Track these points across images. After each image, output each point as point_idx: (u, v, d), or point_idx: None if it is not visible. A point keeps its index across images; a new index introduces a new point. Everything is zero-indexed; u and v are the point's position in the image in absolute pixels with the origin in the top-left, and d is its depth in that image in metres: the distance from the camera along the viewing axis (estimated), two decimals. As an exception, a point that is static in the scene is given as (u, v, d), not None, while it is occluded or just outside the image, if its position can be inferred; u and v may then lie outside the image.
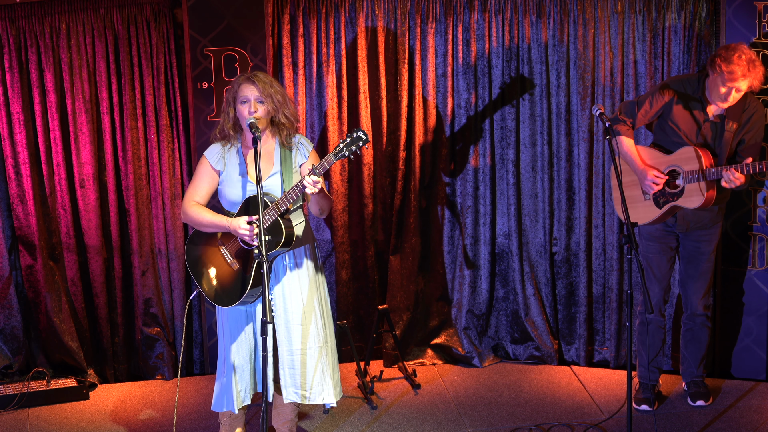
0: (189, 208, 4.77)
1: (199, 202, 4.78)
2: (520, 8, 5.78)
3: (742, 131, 5.14)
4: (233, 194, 4.73)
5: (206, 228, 4.76)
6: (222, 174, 4.76)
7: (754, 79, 4.98)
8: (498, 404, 5.61)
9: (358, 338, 6.15)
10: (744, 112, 5.13)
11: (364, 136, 4.59)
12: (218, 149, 4.78)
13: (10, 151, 5.68)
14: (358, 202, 6.03)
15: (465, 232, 6.04)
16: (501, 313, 6.16)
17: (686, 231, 5.28)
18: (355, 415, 5.51)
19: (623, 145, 5.27)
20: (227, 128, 4.75)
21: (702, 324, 5.44)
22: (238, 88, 4.68)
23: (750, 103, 5.15)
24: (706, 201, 5.09)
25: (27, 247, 5.78)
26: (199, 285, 4.80)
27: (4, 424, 5.46)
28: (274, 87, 4.68)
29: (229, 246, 4.75)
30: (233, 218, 4.66)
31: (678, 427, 5.28)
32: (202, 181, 4.79)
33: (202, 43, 5.63)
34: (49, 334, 5.86)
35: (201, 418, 5.46)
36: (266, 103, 4.65)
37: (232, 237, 4.73)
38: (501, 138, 5.97)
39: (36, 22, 5.55)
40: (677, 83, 5.22)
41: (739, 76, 4.95)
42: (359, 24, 5.80)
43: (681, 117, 5.19)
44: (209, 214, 4.73)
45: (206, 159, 4.79)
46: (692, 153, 5.11)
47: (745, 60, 4.94)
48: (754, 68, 4.96)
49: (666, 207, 5.20)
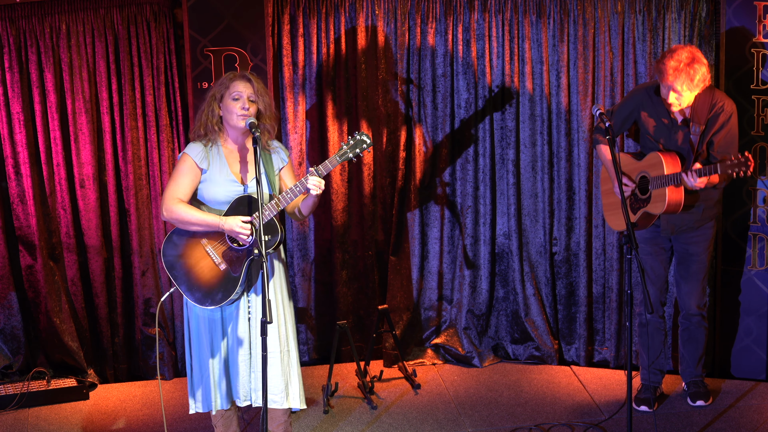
0: (174, 205, 4.63)
1: (182, 200, 4.66)
2: (520, 8, 5.78)
3: (710, 133, 5.11)
4: (216, 193, 4.66)
5: (194, 227, 4.65)
6: (205, 173, 4.67)
7: (686, 81, 4.96)
8: (498, 404, 5.61)
9: (358, 338, 6.15)
10: (711, 113, 5.11)
11: (368, 140, 4.58)
12: (200, 147, 4.68)
13: (10, 151, 5.68)
14: (358, 202, 6.03)
15: (465, 232, 6.04)
16: (501, 313, 6.16)
17: (672, 234, 5.29)
18: (355, 415, 5.52)
19: (602, 153, 5.35)
20: (211, 125, 4.66)
21: (698, 323, 5.44)
22: (230, 84, 4.62)
23: (717, 103, 5.11)
24: (668, 206, 5.08)
25: (27, 247, 5.78)
26: (179, 285, 4.70)
27: (4, 424, 5.46)
28: (265, 90, 4.67)
29: (216, 246, 4.67)
30: (228, 217, 4.60)
31: (678, 427, 5.28)
32: (185, 179, 4.67)
33: (202, 43, 5.63)
34: (49, 334, 5.86)
35: (197, 419, 5.46)
36: (257, 102, 4.62)
37: (218, 236, 4.65)
38: (501, 138, 5.97)
39: (36, 22, 5.55)
40: (640, 91, 5.27)
41: (669, 79, 4.97)
42: (359, 24, 5.80)
43: (650, 124, 5.22)
44: (198, 213, 4.64)
45: (189, 156, 4.66)
46: (658, 158, 5.13)
47: (675, 61, 4.95)
48: (680, 70, 4.93)
49: (639, 213, 5.23)
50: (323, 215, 6.01)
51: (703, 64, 5.00)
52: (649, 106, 5.21)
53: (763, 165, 5.54)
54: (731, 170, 4.83)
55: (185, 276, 4.70)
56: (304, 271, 6.03)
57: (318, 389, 5.78)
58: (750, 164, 4.79)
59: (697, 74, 4.97)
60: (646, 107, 5.22)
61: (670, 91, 5.02)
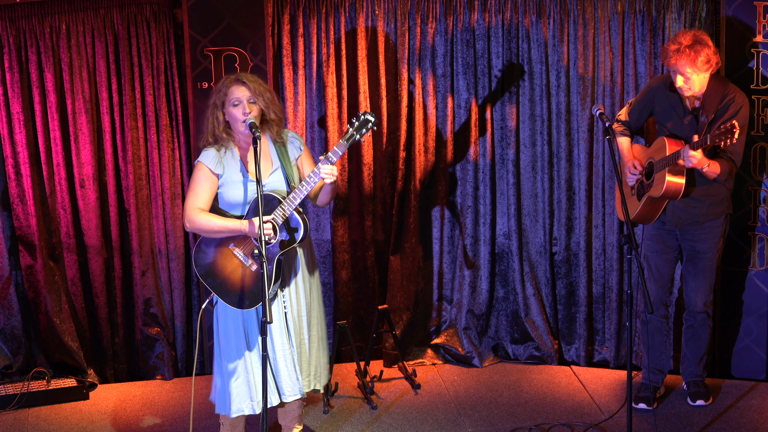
0: (195, 216, 4.67)
1: (203, 209, 4.71)
2: (520, 8, 5.78)
3: (718, 122, 5.13)
4: (235, 195, 4.71)
5: (218, 234, 4.69)
6: (222, 177, 4.72)
7: (688, 62, 5.00)
8: (498, 404, 5.61)
9: (358, 338, 6.14)
10: (721, 103, 5.13)
11: (372, 118, 4.61)
12: (213, 153, 4.73)
13: (10, 151, 5.68)
14: (358, 202, 6.03)
15: (465, 232, 6.04)
16: (501, 313, 6.16)
17: (678, 226, 5.29)
18: (355, 415, 5.51)
19: (618, 144, 5.40)
20: (219, 132, 4.71)
21: (703, 321, 5.44)
22: (228, 91, 4.66)
23: (729, 94, 5.14)
24: (667, 187, 5.10)
25: (27, 247, 5.78)
26: (215, 292, 4.73)
27: (4, 424, 5.46)
28: (262, 86, 4.70)
29: (243, 248, 4.71)
30: (247, 221, 4.63)
31: (678, 427, 5.28)
32: (203, 187, 4.72)
33: (202, 43, 5.63)
34: (49, 334, 5.85)
35: (201, 418, 5.46)
36: (258, 102, 4.66)
37: (245, 239, 4.70)
38: (501, 138, 5.97)
39: (36, 22, 5.55)
40: (657, 81, 5.33)
41: (671, 61, 5.03)
42: (359, 24, 5.80)
43: (663, 111, 5.27)
44: (220, 220, 4.67)
45: (204, 165, 4.71)
46: (663, 142, 5.18)
47: (675, 44, 5.02)
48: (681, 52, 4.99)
49: (643, 199, 5.25)
50: (323, 215, 6.01)
51: (708, 46, 5.03)
52: (664, 94, 5.26)
53: (763, 165, 5.54)
54: (719, 139, 4.84)
55: (219, 282, 4.74)
56: (304, 271, 6.03)
57: (318, 389, 5.79)
58: (735, 130, 4.79)
59: (700, 56, 4.99)
60: (661, 95, 5.27)
61: (676, 74, 5.07)
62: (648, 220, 5.33)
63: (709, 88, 5.13)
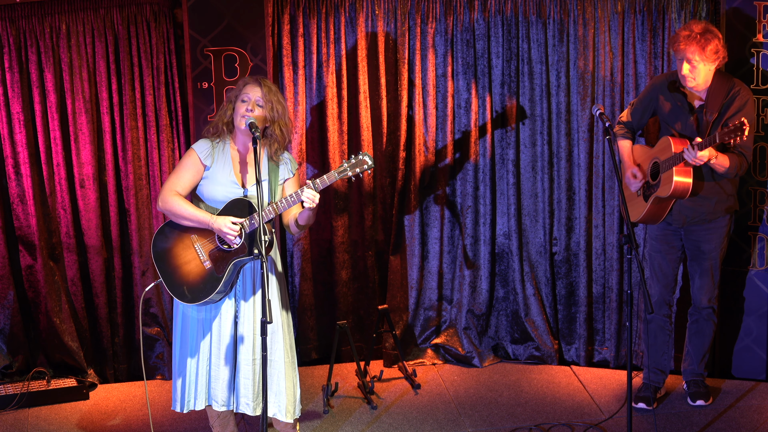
0: (170, 197, 4.68)
1: (180, 193, 4.70)
2: (520, 8, 5.78)
3: (724, 117, 5.12)
4: (216, 192, 4.69)
5: (185, 221, 4.68)
6: (208, 170, 4.70)
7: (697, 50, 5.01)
8: (498, 404, 5.61)
9: (358, 338, 6.14)
10: (726, 98, 5.13)
11: (369, 161, 4.60)
12: (208, 145, 4.73)
13: (10, 151, 5.68)
14: (358, 202, 6.03)
15: (465, 232, 6.04)
16: (501, 313, 6.16)
17: (684, 225, 5.28)
18: (355, 415, 5.52)
19: (619, 147, 5.39)
20: (221, 125, 4.72)
21: (708, 316, 5.43)
22: (243, 87, 4.68)
23: (733, 88, 5.14)
24: (675, 187, 5.09)
25: (27, 247, 5.78)
26: (163, 278, 4.72)
27: (4, 424, 5.46)
28: (277, 96, 4.68)
29: (204, 244, 4.68)
30: (218, 217, 4.62)
31: (678, 427, 5.28)
32: (187, 173, 4.72)
33: (202, 43, 5.63)
34: (49, 334, 5.86)
35: (196, 419, 5.46)
36: (265, 108, 4.65)
37: (208, 235, 4.67)
38: (501, 138, 5.97)
39: (36, 22, 5.55)
40: (660, 78, 5.32)
41: (681, 46, 5.03)
42: (359, 24, 5.80)
43: (666, 108, 5.26)
44: (192, 208, 4.67)
45: (195, 152, 4.71)
46: (667, 142, 5.16)
47: (687, 30, 5.04)
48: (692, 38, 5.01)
49: (650, 199, 5.24)
50: (323, 215, 6.01)
51: (718, 37, 5.05)
52: (667, 91, 5.25)
53: (764, 165, 5.54)
54: (728, 137, 4.83)
55: (170, 270, 4.72)
56: (304, 271, 6.02)
57: (318, 389, 5.78)
58: (745, 128, 4.79)
59: (710, 44, 5.00)
60: (664, 92, 5.26)
61: (683, 62, 5.06)
62: (655, 220, 5.32)
63: (713, 84, 5.12)
